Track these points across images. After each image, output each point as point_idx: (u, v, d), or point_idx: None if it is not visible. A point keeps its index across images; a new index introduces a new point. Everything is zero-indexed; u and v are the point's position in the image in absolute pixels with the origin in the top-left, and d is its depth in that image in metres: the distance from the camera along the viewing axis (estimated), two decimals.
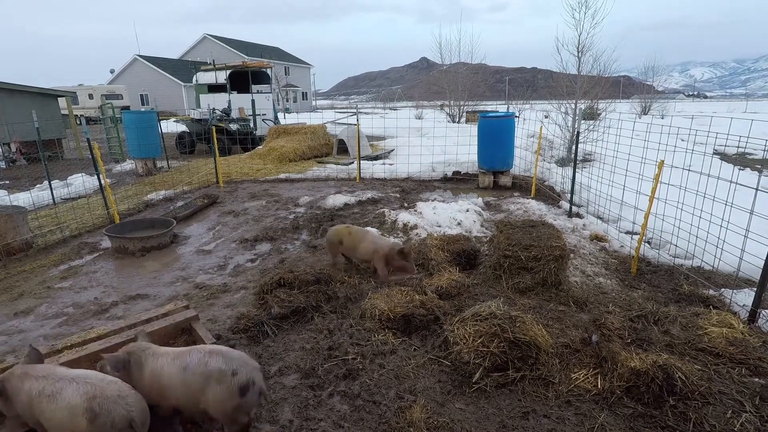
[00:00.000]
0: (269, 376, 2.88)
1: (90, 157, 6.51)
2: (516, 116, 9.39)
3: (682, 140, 8.44)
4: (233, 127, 13.20)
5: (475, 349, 2.83)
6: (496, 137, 8.16)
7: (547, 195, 7.53)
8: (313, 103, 54.47)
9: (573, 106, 10.32)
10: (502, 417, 2.49)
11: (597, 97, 10.87)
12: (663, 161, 4.14)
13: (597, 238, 5.33)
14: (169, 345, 2.91)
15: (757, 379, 2.68)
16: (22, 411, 2.12)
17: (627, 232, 5.48)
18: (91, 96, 29.26)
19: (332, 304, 3.76)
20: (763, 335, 3.08)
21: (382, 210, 6.27)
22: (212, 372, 2.16)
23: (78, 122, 16.72)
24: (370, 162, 10.50)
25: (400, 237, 5.31)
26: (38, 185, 8.76)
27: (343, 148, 11.83)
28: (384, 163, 10.50)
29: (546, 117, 12.19)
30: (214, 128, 9.27)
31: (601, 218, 6.04)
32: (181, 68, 39.29)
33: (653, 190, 4.19)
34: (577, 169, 6.38)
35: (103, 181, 6.32)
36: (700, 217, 4.18)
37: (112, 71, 40.96)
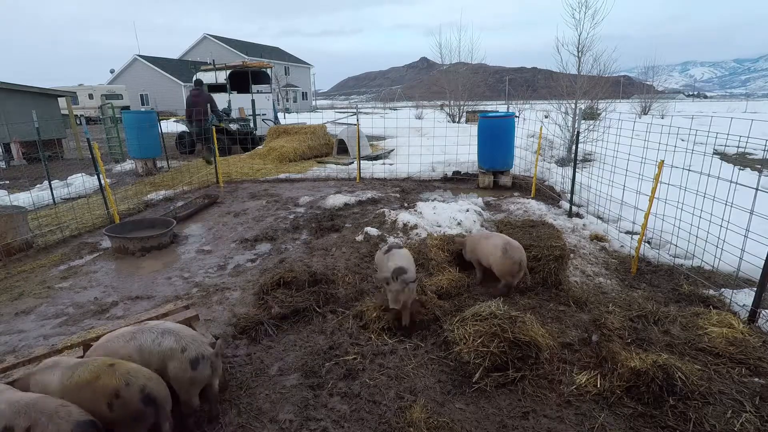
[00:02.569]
0: (269, 375, 2.88)
1: (90, 157, 6.51)
2: (516, 116, 9.39)
3: (682, 140, 8.43)
4: (233, 127, 13.21)
5: (475, 349, 2.83)
6: (496, 137, 8.15)
7: (547, 195, 7.53)
8: (313, 103, 54.47)
9: (573, 106, 10.32)
10: (502, 417, 2.49)
11: (597, 97, 10.87)
12: (663, 161, 4.13)
13: (597, 238, 5.33)
14: None
15: (757, 379, 2.68)
16: None
17: (627, 232, 5.47)
18: (91, 96, 29.27)
19: (332, 304, 3.76)
20: (763, 335, 3.08)
21: (382, 210, 6.27)
22: (165, 350, 2.37)
23: (78, 122, 16.72)
24: (370, 162, 10.50)
25: (400, 237, 5.31)
26: (38, 185, 8.76)
27: (343, 148, 11.83)
28: (384, 163, 10.50)
29: (546, 117, 12.20)
30: (214, 128, 9.27)
31: (601, 218, 6.04)
32: (181, 68, 39.30)
33: (653, 190, 4.18)
34: (577, 169, 6.38)
35: (103, 181, 6.32)
36: (700, 217, 4.18)
37: (112, 71, 40.97)
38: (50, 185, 7.81)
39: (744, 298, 3.54)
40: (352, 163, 10.53)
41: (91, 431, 1.88)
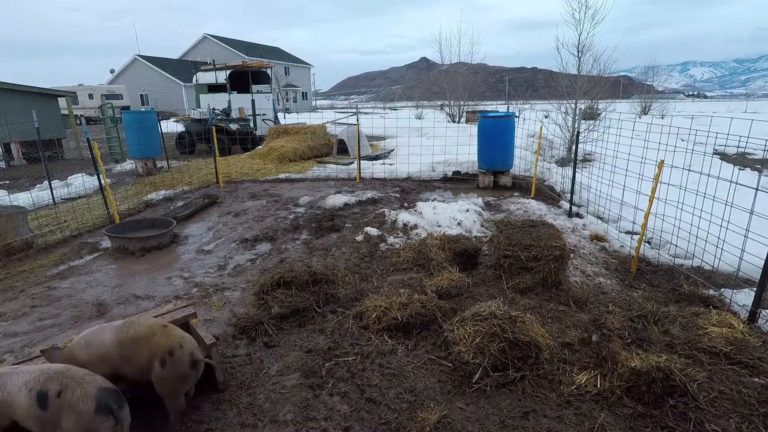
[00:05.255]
0: (269, 375, 2.88)
1: (90, 157, 6.51)
2: (516, 116, 9.39)
3: (682, 140, 8.44)
4: (233, 127, 13.21)
5: (475, 349, 2.83)
6: (496, 137, 8.15)
7: (547, 195, 7.53)
8: (313, 103, 54.47)
9: (573, 106, 10.32)
10: (502, 417, 2.49)
11: (597, 97, 10.87)
12: (663, 161, 4.13)
13: (597, 238, 5.33)
14: None
15: (757, 379, 2.68)
16: None
17: (627, 232, 5.47)
18: (91, 96, 29.28)
19: (332, 304, 3.76)
20: (763, 335, 3.09)
21: (382, 210, 6.27)
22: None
23: (78, 122, 16.73)
24: (370, 162, 10.50)
25: (400, 237, 5.31)
26: (38, 185, 8.77)
27: (343, 148, 11.83)
28: (384, 163, 10.50)
29: (546, 117, 12.19)
30: (214, 128, 9.28)
31: (601, 218, 6.04)
32: (181, 68, 39.28)
33: (653, 190, 4.18)
34: (577, 169, 6.38)
35: (103, 181, 6.32)
36: (700, 217, 4.18)
37: (112, 71, 40.96)
38: (50, 185, 7.81)
39: (744, 298, 3.54)
40: (352, 163, 10.53)
41: (113, 397, 2.02)
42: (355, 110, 33.44)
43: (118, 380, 2.40)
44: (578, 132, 6.73)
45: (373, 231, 5.40)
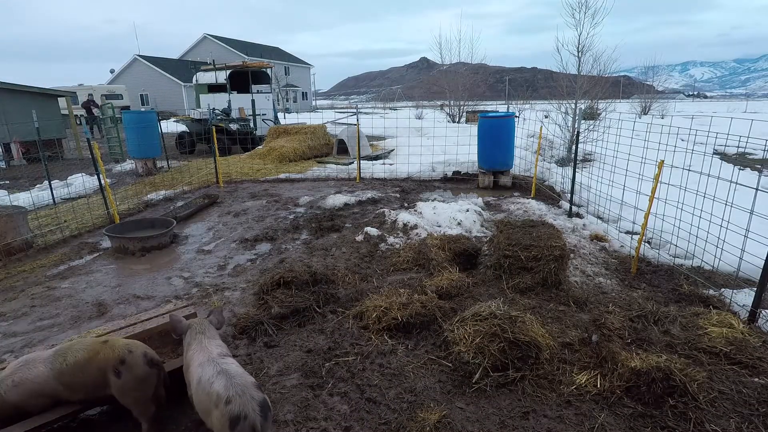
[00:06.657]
0: (269, 375, 2.88)
1: (90, 157, 6.51)
2: (516, 116, 9.39)
3: (682, 140, 8.43)
4: (233, 127, 13.20)
5: (475, 349, 2.83)
6: (496, 137, 8.15)
7: (547, 195, 7.53)
8: (313, 103, 54.48)
9: (573, 106, 10.32)
10: (502, 417, 2.49)
11: (597, 97, 10.87)
12: (663, 161, 4.13)
13: (597, 238, 5.33)
14: (169, 345, 2.91)
15: (757, 379, 2.68)
16: None
17: (627, 232, 5.47)
18: (91, 96, 29.27)
19: (332, 304, 3.76)
20: (763, 335, 3.08)
21: (382, 210, 6.27)
22: (212, 394, 2.05)
23: (78, 122, 16.72)
24: (370, 162, 10.50)
25: (400, 237, 5.31)
26: (38, 185, 8.76)
27: (343, 148, 11.83)
28: (384, 163, 10.50)
29: (546, 117, 12.20)
30: (214, 128, 9.27)
31: (601, 218, 6.04)
32: (181, 68, 39.27)
33: (653, 190, 4.18)
34: (577, 169, 6.38)
35: (103, 181, 6.32)
36: (700, 217, 4.18)
37: (112, 71, 40.97)
38: (50, 185, 7.81)
39: (744, 298, 3.54)
40: (352, 163, 10.53)
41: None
42: (355, 110, 33.44)
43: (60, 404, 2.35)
44: (578, 132, 6.73)
45: (373, 231, 5.40)
